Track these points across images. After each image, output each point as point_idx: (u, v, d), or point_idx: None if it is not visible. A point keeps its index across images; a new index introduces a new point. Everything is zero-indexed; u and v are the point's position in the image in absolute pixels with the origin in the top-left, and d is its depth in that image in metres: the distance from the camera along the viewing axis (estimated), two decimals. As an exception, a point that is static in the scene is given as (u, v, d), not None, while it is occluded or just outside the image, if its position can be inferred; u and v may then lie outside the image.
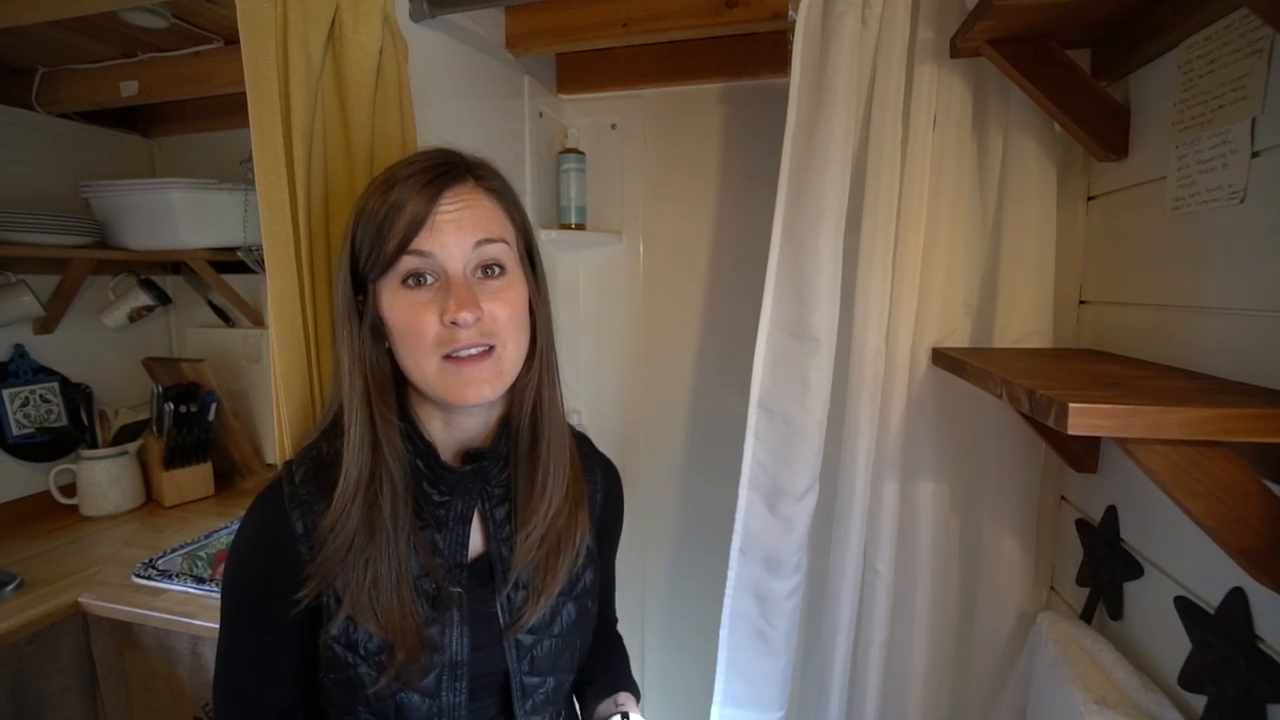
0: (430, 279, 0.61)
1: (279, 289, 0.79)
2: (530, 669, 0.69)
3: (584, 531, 0.74)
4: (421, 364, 0.61)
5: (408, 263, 0.60)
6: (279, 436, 0.82)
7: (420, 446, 0.66)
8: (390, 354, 0.65)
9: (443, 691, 0.64)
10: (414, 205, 0.60)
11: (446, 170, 0.62)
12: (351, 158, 0.84)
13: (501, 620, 0.68)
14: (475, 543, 0.69)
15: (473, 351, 0.61)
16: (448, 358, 0.61)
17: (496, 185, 0.66)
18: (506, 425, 0.70)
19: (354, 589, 0.60)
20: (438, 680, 0.64)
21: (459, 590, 0.66)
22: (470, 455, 0.69)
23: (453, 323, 0.59)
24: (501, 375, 0.64)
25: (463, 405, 0.63)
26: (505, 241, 0.64)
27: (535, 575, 0.70)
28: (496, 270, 0.63)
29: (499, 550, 0.69)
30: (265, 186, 0.77)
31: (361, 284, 0.64)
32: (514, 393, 0.68)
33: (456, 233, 0.60)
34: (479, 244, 0.61)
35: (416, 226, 0.59)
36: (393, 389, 0.65)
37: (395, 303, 0.61)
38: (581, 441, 0.81)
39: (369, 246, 0.61)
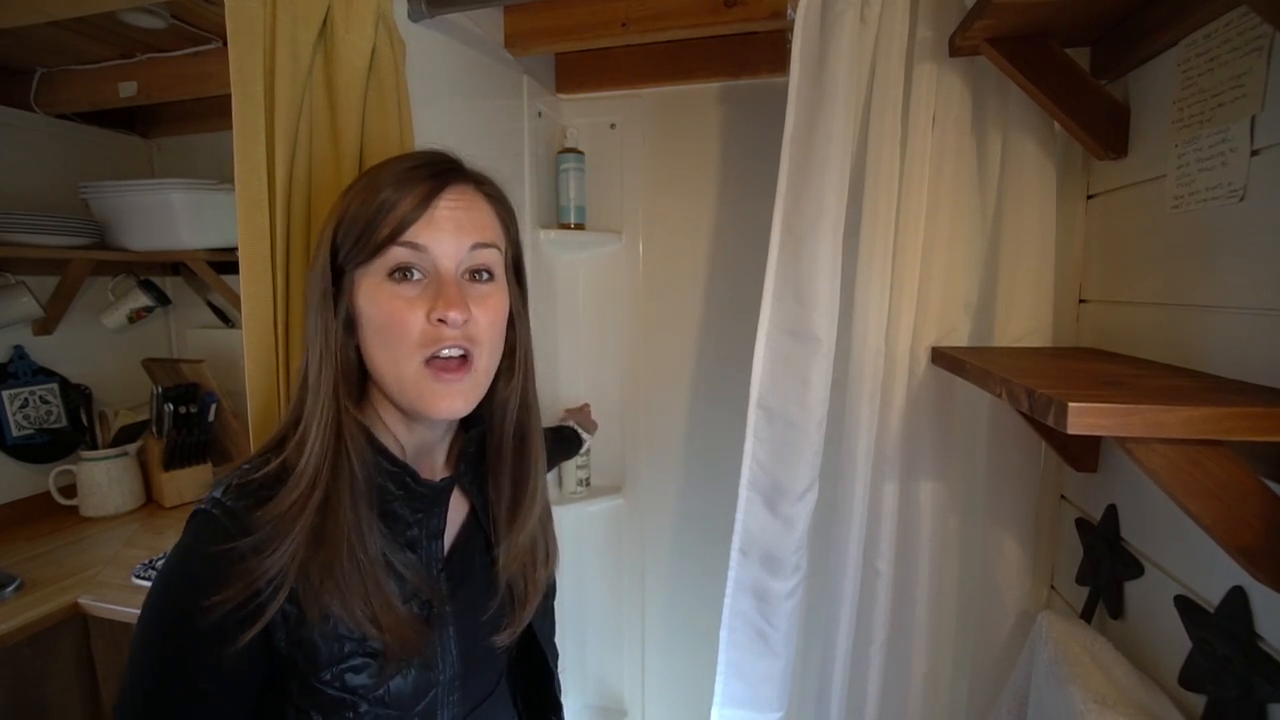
0: (418, 275, 0.58)
1: (253, 289, 0.79)
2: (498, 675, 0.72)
3: (555, 540, 0.77)
4: (400, 364, 0.58)
5: (398, 254, 0.57)
6: (253, 439, 0.83)
7: (390, 467, 0.61)
8: (358, 351, 0.61)
9: (438, 710, 0.63)
10: (414, 196, 0.57)
11: (449, 169, 0.61)
12: (339, 158, 0.84)
13: (489, 631, 0.69)
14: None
15: (453, 353, 0.59)
16: (428, 362, 0.58)
17: (494, 192, 0.65)
18: (472, 424, 0.70)
19: (315, 609, 0.54)
20: (432, 700, 0.62)
21: (449, 610, 0.65)
22: (460, 466, 0.69)
23: (440, 320, 0.57)
24: (476, 389, 0.62)
25: (434, 418, 0.61)
26: (498, 248, 0.63)
27: (518, 584, 0.71)
28: (485, 276, 0.62)
29: (483, 560, 0.70)
30: (244, 185, 0.77)
31: (339, 272, 0.60)
32: (494, 406, 0.68)
33: (455, 231, 0.59)
34: (474, 247, 0.60)
35: (414, 217, 0.57)
36: (358, 387, 0.62)
37: (378, 294, 0.58)
38: None
39: (357, 232, 0.57)
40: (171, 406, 1.58)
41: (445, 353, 0.58)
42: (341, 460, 0.57)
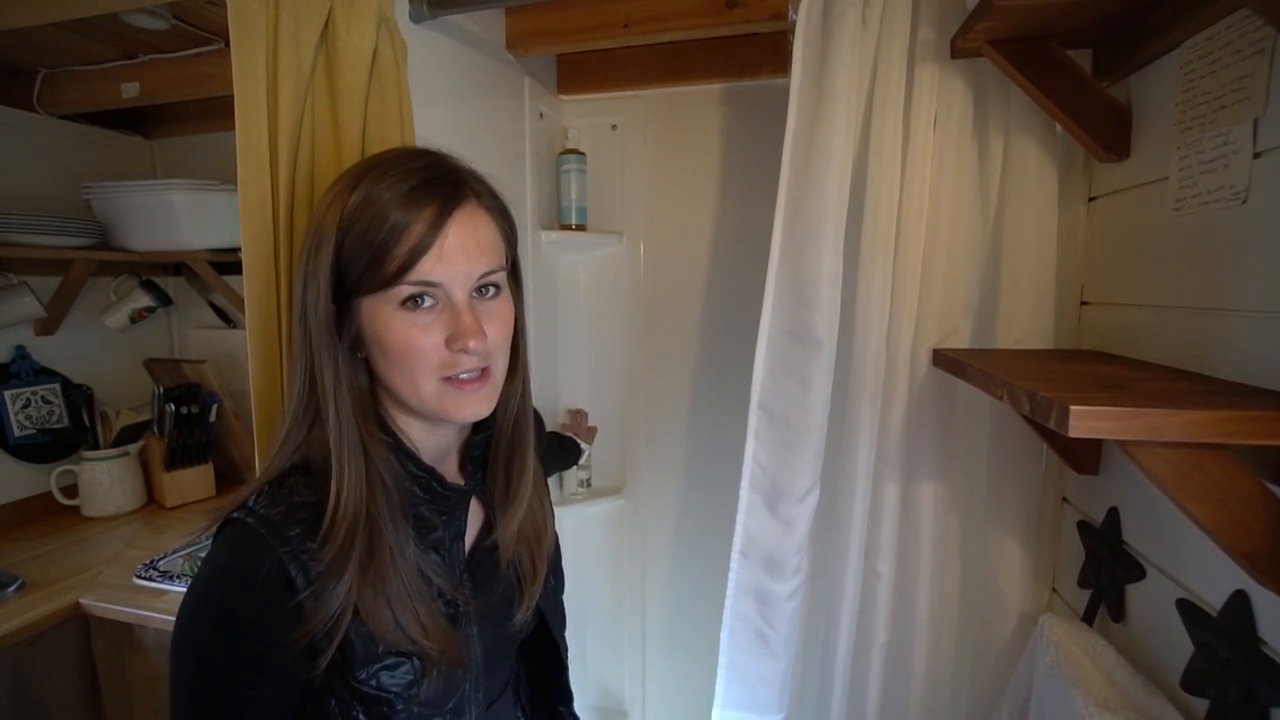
0: (430, 301, 0.58)
1: (256, 288, 0.79)
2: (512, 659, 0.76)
3: (550, 511, 0.79)
4: (419, 384, 0.59)
5: (410, 288, 0.57)
6: (257, 440, 0.83)
7: (417, 471, 0.63)
8: (365, 365, 0.62)
9: (466, 707, 0.65)
10: (422, 221, 0.56)
11: (451, 189, 0.59)
12: (341, 159, 0.84)
13: (505, 620, 0.71)
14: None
15: (473, 374, 0.60)
16: (446, 379, 0.59)
17: (495, 204, 0.64)
18: (481, 428, 0.71)
19: (375, 621, 0.56)
20: (461, 698, 0.64)
21: (472, 609, 0.66)
22: (468, 468, 0.70)
23: (462, 350, 0.58)
24: (495, 392, 0.64)
25: (458, 422, 0.63)
26: (504, 268, 0.64)
27: (524, 561, 0.73)
28: (491, 290, 0.62)
29: (489, 552, 0.71)
30: (247, 186, 0.78)
31: (341, 297, 0.59)
32: (497, 403, 0.68)
33: (466, 262, 0.58)
34: (484, 275, 0.60)
35: (423, 251, 0.56)
36: (372, 405, 0.63)
37: (393, 323, 0.58)
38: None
39: (365, 262, 0.56)
40: (173, 407, 1.58)
41: (466, 375, 0.60)
42: (375, 480, 0.59)
